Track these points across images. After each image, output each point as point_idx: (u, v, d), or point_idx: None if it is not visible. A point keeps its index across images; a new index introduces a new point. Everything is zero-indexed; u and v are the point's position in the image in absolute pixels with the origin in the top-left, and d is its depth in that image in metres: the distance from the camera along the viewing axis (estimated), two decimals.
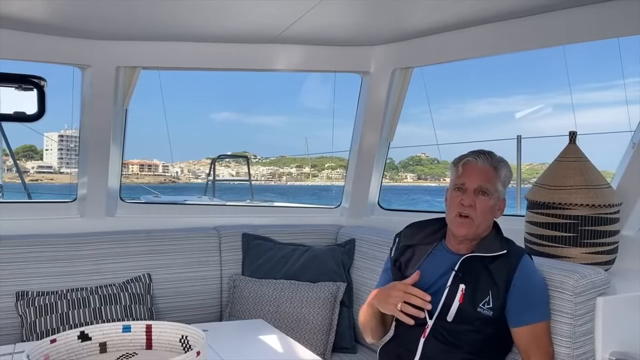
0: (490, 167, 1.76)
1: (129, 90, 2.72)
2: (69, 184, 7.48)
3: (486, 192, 1.74)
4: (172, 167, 52.59)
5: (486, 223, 1.77)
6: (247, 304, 2.56)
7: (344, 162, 43.07)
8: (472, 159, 1.77)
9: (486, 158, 1.76)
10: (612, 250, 2.09)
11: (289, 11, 2.22)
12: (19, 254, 2.43)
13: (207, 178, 11.20)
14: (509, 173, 1.79)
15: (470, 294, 1.70)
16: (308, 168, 47.17)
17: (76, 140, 3.06)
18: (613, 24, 2.14)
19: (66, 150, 46.82)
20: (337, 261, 2.70)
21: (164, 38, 2.60)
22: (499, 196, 1.77)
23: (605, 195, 2.06)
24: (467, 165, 1.78)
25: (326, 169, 52.99)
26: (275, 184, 21.18)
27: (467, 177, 1.76)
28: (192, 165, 53.02)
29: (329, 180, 51.84)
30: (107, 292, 2.42)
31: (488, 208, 1.74)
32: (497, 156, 1.79)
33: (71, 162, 46.06)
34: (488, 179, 1.74)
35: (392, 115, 2.96)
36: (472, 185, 1.74)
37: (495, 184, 1.75)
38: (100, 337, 1.33)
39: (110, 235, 2.66)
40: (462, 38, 2.52)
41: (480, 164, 1.76)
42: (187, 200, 6.19)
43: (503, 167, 1.78)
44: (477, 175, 1.75)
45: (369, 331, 1.91)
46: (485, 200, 1.74)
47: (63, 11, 2.22)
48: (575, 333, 1.68)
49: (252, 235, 2.82)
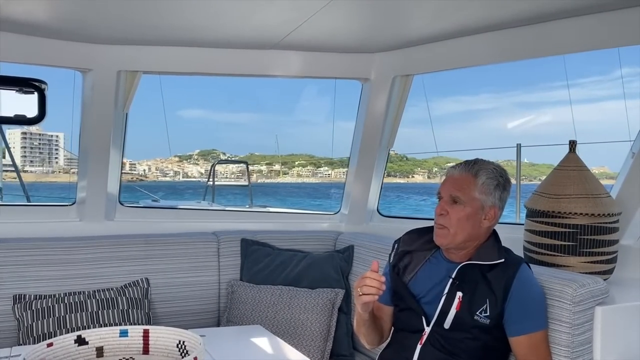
0: (468, 175, 1.74)
1: (130, 95, 2.73)
2: (33, 183, 7.46)
3: (457, 200, 1.73)
4: (139, 164, 52.16)
5: (465, 232, 1.73)
6: (245, 309, 2.55)
7: (314, 160, 43.23)
8: (452, 169, 1.80)
9: (464, 167, 1.77)
10: (611, 259, 2.09)
11: (290, 17, 2.23)
12: (17, 257, 2.43)
13: (206, 182, 11.16)
14: (490, 180, 1.74)
15: (468, 302, 1.70)
16: (278, 166, 47.34)
17: (39, 138, 3.07)
18: (612, 33, 2.14)
19: (29, 148, 46.34)
20: (335, 268, 2.69)
21: (166, 43, 2.61)
22: (480, 204, 1.73)
23: (605, 204, 2.06)
24: (447, 176, 1.81)
25: (296, 167, 53.14)
26: (246, 182, 21.36)
27: (443, 186, 1.79)
28: (160, 163, 52.79)
29: (299, 178, 51.91)
30: (104, 296, 2.41)
31: (462, 217, 1.72)
32: (483, 164, 1.76)
33: (35, 161, 45.55)
34: (461, 187, 1.74)
35: (392, 122, 2.96)
36: (445, 194, 1.76)
37: (470, 192, 1.73)
38: (97, 342, 1.33)
39: (109, 239, 2.65)
40: (463, 46, 2.53)
41: (457, 174, 1.77)
42: (186, 205, 6.19)
43: (483, 174, 1.74)
44: (451, 185, 1.76)
45: (362, 337, 1.92)
46: (458, 209, 1.72)
47: (65, 15, 2.23)
48: (574, 342, 1.67)
49: (250, 240, 2.82)
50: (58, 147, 47.06)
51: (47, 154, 47.16)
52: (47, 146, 46.62)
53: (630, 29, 2.06)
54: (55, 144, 46.57)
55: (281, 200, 30.66)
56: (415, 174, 52.23)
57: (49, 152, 47.28)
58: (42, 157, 46.14)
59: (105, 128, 2.71)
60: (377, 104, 2.88)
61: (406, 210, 25.01)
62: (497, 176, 1.76)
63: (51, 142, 46.29)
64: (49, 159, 47.46)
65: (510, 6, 2.12)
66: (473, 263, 1.74)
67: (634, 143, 2.29)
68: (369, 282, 1.63)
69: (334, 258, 2.74)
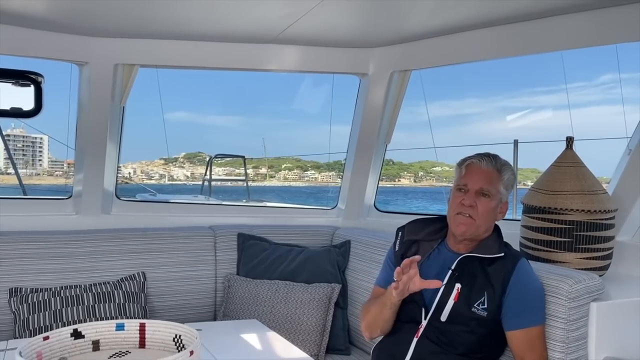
0: (494, 170, 1.77)
1: (127, 88, 2.71)
2: (15, 185, 7.47)
3: (487, 194, 1.75)
4: (124, 167, 51.91)
5: (487, 224, 1.78)
6: (242, 304, 2.55)
7: (300, 163, 42.76)
8: (476, 161, 1.79)
9: (490, 161, 1.78)
10: (606, 255, 2.09)
11: (288, 12, 2.22)
12: (14, 250, 2.42)
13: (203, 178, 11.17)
14: (512, 177, 1.81)
15: (466, 294, 1.71)
16: (265, 169, 47.36)
17: (23, 140, 3.06)
18: (612, 30, 2.14)
19: (13, 150, 45.90)
20: (332, 262, 2.70)
21: (163, 36, 2.60)
22: (500, 199, 1.78)
23: (601, 201, 2.06)
24: (471, 167, 1.79)
25: (283, 170, 53.16)
26: (232, 185, 21.22)
27: (469, 178, 1.77)
28: (145, 166, 52.53)
29: (286, 181, 51.90)
30: (101, 289, 2.41)
31: (490, 209, 1.76)
32: (501, 159, 1.81)
33: (18, 163, 45.01)
34: (490, 181, 1.76)
35: (389, 118, 2.96)
36: (474, 186, 1.76)
37: (497, 187, 1.76)
38: (93, 335, 1.33)
39: (106, 233, 2.65)
40: (461, 41, 2.52)
41: (484, 167, 1.77)
42: (182, 199, 6.19)
43: (506, 170, 1.79)
44: (480, 177, 1.76)
45: (380, 324, 1.87)
46: (486, 202, 1.75)
47: (62, 7, 2.21)
48: (569, 338, 1.68)
49: (247, 235, 2.82)
50: (42, 150, 46.72)
51: (30, 157, 46.78)
52: (30, 148, 46.23)
53: (629, 25, 2.06)
54: (39, 146, 46.25)
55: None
56: (402, 178, 52.36)
57: (32, 155, 46.90)
58: (26, 159, 45.78)
59: (102, 122, 2.70)
60: (375, 99, 2.88)
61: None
62: (514, 173, 1.84)
63: (35, 145, 45.95)
64: (32, 161, 47.10)
65: (509, 2, 2.12)
66: (473, 255, 1.75)
67: (630, 140, 2.29)
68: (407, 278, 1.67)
69: (331, 253, 2.74)
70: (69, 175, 46.98)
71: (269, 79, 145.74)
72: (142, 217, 2.92)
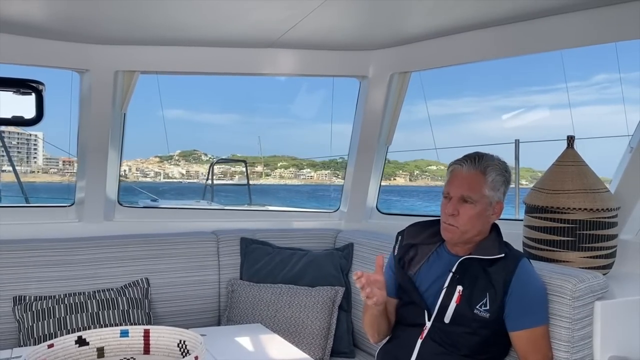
0: (477, 173, 1.73)
1: (127, 95, 2.72)
2: (11, 183, 7.41)
3: (468, 200, 1.72)
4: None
5: (475, 229, 1.75)
6: (245, 308, 2.55)
7: (296, 162, 42.66)
8: (458, 166, 1.76)
9: (472, 163, 1.74)
10: (610, 254, 2.09)
11: (287, 15, 2.23)
12: (17, 258, 2.43)
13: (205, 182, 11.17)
14: (499, 177, 1.75)
15: (468, 296, 1.71)
16: (260, 167, 47.33)
17: (18, 137, 3.05)
18: (610, 28, 2.15)
19: (7, 147, 45.51)
20: (335, 265, 2.70)
21: (163, 42, 2.61)
22: (489, 201, 1.74)
23: (604, 199, 2.06)
24: (453, 173, 1.77)
25: (279, 168, 53.09)
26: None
27: (451, 185, 1.76)
28: (140, 164, 52.50)
29: (281, 179, 51.82)
30: (105, 296, 2.41)
31: (473, 215, 1.72)
32: (487, 160, 1.75)
33: (13, 160, 44.82)
34: (471, 187, 1.72)
35: (390, 120, 2.96)
36: (455, 194, 1.74)
37: (481, 190, 1.72)
38: (97, 342, 1.33)
39: (108, 239, 2.65)
40: (460, 42, 2.53)
41: (465, 171, 1.74)
42: (185, 204, 6.19)
43: (492, 171, 1.74)
44: (461, 184, 1.74)
45: (373, 331, 1.89)
46: (469, 208, 1.72)
47: (62, 15, 2.22)
48: (574, 337, 1.68)
49: (250, 239, 2.82)
50: (37, 147, 46.60)
51: (25, 154, 46.63)
52: (25, 145, 46.05)
53: (628, 23, 2.06)
54: (34, 143, 46.10)
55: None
56: (397, 177, 52.34)
57: (27, 152, 46.74)
58: (21, 156, 45.64)
59: (103, 128, 2.71)
60: (375, 102, 2.88)
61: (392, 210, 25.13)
62: (503, 171, 1.77)
63: (30, 142, 45.81)
64: (27, 158, 46.94)
65: (507, 2, 2.12)
66: (474, 257, 1.75)
67: (632, 138, 2.29)
68: (368, 292, 1.66)
69: (334, 256, 2.74)
70: (64, 172, 46.74)
71: (267, 79, 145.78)
72: (145, 223, 2.93)
